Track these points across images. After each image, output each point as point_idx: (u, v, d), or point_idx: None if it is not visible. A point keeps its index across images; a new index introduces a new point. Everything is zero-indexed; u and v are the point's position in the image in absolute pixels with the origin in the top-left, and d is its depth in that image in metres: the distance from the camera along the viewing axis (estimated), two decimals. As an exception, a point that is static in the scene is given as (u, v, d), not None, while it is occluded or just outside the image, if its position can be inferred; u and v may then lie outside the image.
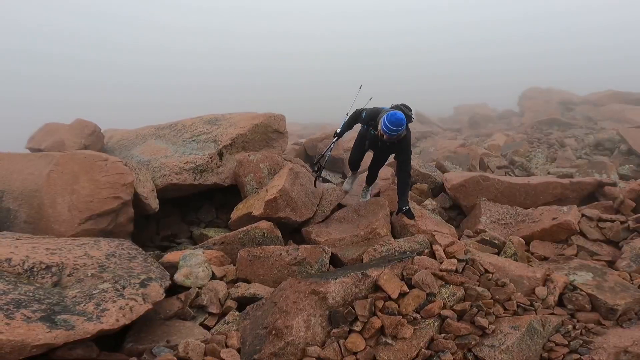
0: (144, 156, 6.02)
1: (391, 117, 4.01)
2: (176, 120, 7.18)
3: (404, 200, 4.47)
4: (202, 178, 5.46)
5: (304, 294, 2.92)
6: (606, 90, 15.50)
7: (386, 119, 4.03)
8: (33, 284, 2.87)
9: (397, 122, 4.00)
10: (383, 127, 4.05)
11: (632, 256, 3.78)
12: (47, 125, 7.25)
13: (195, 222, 5.68)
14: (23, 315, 2.46)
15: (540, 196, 5.31)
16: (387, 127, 4.02)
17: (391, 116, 4.02)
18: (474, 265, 3.39)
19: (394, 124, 3.99)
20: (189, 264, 3.72)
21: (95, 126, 6.82)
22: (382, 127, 4.08)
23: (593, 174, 6.86)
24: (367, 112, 4.57)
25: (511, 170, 7.82)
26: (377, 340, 2.85)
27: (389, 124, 4.00)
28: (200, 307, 3.35)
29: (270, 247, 3.90)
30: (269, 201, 4.60)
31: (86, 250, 3.42)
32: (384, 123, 4.05)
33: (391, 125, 4.00)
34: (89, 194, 4.47)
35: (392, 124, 4.00)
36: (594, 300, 3.19)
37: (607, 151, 9.10)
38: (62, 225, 4.25)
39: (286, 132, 6.68)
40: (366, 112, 4.58)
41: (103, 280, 3.03)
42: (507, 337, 2.76)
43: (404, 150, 4.41)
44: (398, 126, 4.01)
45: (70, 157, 4.74)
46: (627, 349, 2.70)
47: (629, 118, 11.57)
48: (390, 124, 4.00)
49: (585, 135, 10.49)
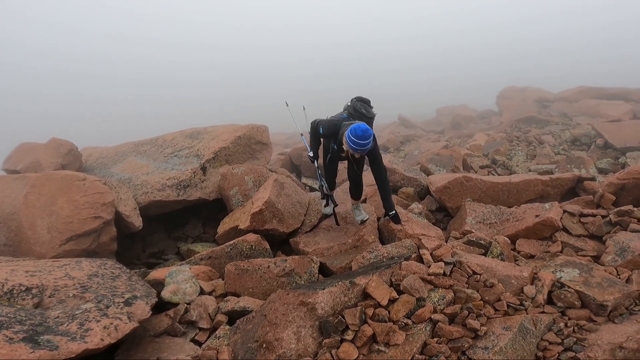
0: (124, 174, 5.92)
1: (355, 131, 3.70)
2: (156, 136, 7.10)
3: (389, 205, 4.35)
4: (185, 194, 5.39)
5: (292, 305, 2.89)
6: (578, 87, 15.91)
7: (351, 135, 3.72)
8: (14, 305, 2.81)
9: (364, 136, 3.70)
10: (350, 145, 3.76)
11: (616, 250, 3.83)
12: (22, 145, 7.08)
13: (182, 238, 5.60)
14: (5, 336, 2.40)
15: (522, 194, 5.39)
16: (354, 143, 3.73)
17: (354, 131, 3.70)
18: (461, 267, 3.41)
19: (360, 138, 3.70)
20: (175, 280, 3.66)
21: (71, 145, 6.68)
22: (348, 145, 3.79)
23: (572, 169, 7.00)
24: (324, 126, 4.24)
25: (493, 170, 7.94)
26: (370, 348, 2.83)
27: (356, 139, 3.70)
28: (190, 323, 3.30)
29: (258, 260, 3.86)
30: (255, 214, 4.56)
31: (67, 271, 3.35)
32: (349, 140, 3.75)
33: (358, 141, 3.70)
34: (68, 214, 4.38)
35: (358, 138, 3.70)
36: (583, 297, 3.21)
37: (584, 146, 9.33)
38: (43, 247, 4.16)
39: (270, 143, 6.66)
40: (322, 126, 4.25)
41: (85, 301, 2.96)
42: (500, 338, 2.77)
43: (374, 157, 4.13)
44: (365, 139, 3.71)
45: (46, 178, 4.64)
46: (621, 345, 2.71)
47: (603, 113, 11.88)
48: (358, 139, 3.70)
49: (562, 131, 10.74)
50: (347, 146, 3.81)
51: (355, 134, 3.70)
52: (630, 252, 3.67)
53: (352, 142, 3.73)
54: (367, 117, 4.37)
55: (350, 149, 3.79)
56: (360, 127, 3.72)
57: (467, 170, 7.80)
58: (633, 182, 4.77)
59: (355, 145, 3.74)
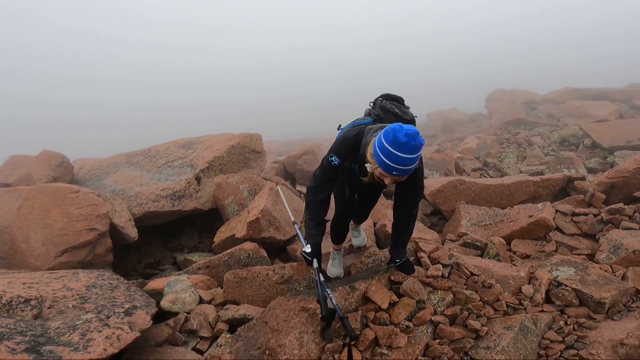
0: (117, 185, 5.89)
1: (395, 135, 2.19)
2: (149, 147, 7.08)
3: (401, 251, 3.16)
4: (180, 204, 5.37)
5: (293, 311, 2.89)
6: (564, 88, 16.22)
7: (386, 143, 2.22)
8: (13, 317, 2.80)
9: (410, 144, 2.17)
10: (382, 160, 2.24)
11: (610, 248, 3.88)
12: (12, 157, 7.02)
13: (178, 248, 5.57)
14: (7, 347, 2.38)
15: (515, 195, 5.46)
16: (392, 158, 2.20)
17: (393, 133, 2.19)
18: (459, 269, 3.44)
19: (405, 147, 2.17)
20: (174, 289, 3.65)
21: (63, 157, 6.64)
22: (378, 161, 2.27)
23: (562, 169, 7.12)
24: (336, 147, 2.72)
25: (485, 172, 8.03)
26: (373, 352, 2.83)
27: (398, 148, 2.18)
28: (190, 332, 3.28)
29: (256, 268, 3.85)
30: (251, 222, 4.56)
31: (65, 283, 3.33)
32: (382, 152, 2.24)
33: (400, 153, 2.18)
34: (62, 227, 4.35)
35: (402, 147, 2.17)
36: (580, 295, 3.24)
37: (573, 146, 9.48)
38: (38, 259, 4.13)
39: (264, 151, 6.68)
40: (335, 151, 2.71)
41: (86, 311, 2.94)
42: (501, 338, 2.79)
43: (413, 184, 2.73)
44: (413, 150, 2.20)
45: (38, 191, 4.61)
46: (622, 342, 2.74)
47: (589, 113, 12.13)
48: (401, 148, 2.17)
49: (550, 132, 10.91)
50: (376, 163, 2.30)
51: (395, 140, 2.17)
52: (624, 249, 3.73)
53: (389, 156, 2.20)
54: (404, 120, 2.78)
55: (382, 167, 2.27)
56: (404, 128, 2.19)
57: (459, 173, 7.88)
58: (622, 180, 4.86)
59: (392, 161, 2.21)
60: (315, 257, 2.93)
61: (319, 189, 2.84)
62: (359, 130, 2.65)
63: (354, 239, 4.06)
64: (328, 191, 2.88)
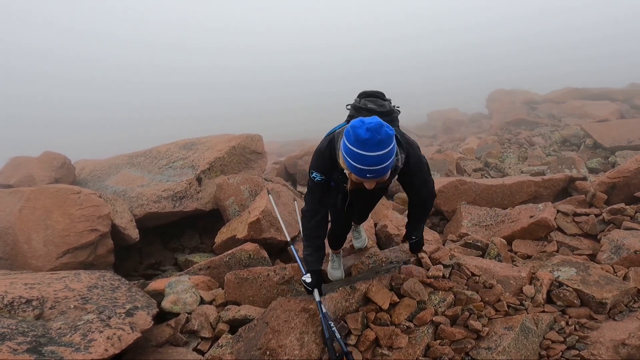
0: (119, 186, 5.90)
1: (355, 132, 1.95)
2: (150, 147, 7.09)
3: (419, 227, 3.13)
4: (182, 205, 5.38)
5: (294, 312, 2.89)
6: (564, 88, 16.20)
7: (348, 143, 2.00)
8: (15, 317, 2.80)
9: (373, 139, 1.92)
10: (349, 162, 2.04)
11: (611, 248, 3.88)
12: (14, 159, 7.04)
13: (179, 249, 5.58)
14: (9, 348, 2.39)
15: (516, 195, 5.46)
16: (356, 158, 1.99)
17: (353, 131, 1.96)
18: (460, 269, 3.44)
19: (367, 144, 1.94)
20: (175, 290, 3.66)
21: (64, 158, 6.65)
22: (347, 164, 2.07)
23: (563, 169, 7.11)
24: (315, 162, 2.52)
25: (487, 172, 8.03)
26: (374, 352, 2.83)
27: (359, 146, 1.96)
28: (191, 332, 3.30)
29: (257, 269, 3.86)
30: (252, 223, 4.56)
31: (66, 283, 3.34)
32: (346, 154, 2.03)
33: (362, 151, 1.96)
34: (64, 228, 4.36)
35: (363, 145, 1.95)
36: (582, 295, 3.24)
37: (574, 146, 9.47)
38: (40, 260, 4.15)
39: (264, 152, 6.68)
40: (314, 166, 2.53)
41: (87, 312, 2.96)
42: (502, 338, 2.79)
43: (413, 172, 2.53)
44: (378, 146, 1.95)
45: (40, 192, 4.63)
46: (624, 342, 2.73)
47: (590, 113, 12.11)
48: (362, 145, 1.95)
49: (551, 132, 10.90)
50: (347, 168, 2.12)
51: (357, 138, 1.94)
52: (625, 249, 3.73)
53: (356, 157, 1.99)
54: (380, 114, 2.42)
55: (353, 171, 2.07)
56: (365, 122, 1.95)
57: (460, 173, 7.88)
58: (623, 180, 4.86)
59: (361, 163, 1.99)
60: (316, 287, 2.71)
61: (312, 212, 2.66)
62: (331, 137, 2.45)
63: (354, 241, 3.93)
64: (322, 212, 2.68)
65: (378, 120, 2.00)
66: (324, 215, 2.69)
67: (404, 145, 2.40)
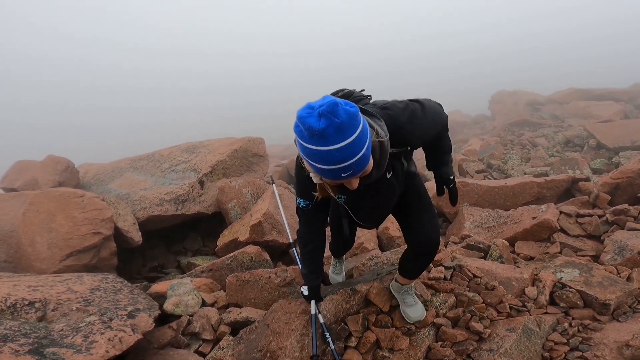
0: (122, 190, 5.93)
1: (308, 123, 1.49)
2: (152, 151, 7.13)
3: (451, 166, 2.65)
4: (184, 208, 5.40)
5: (295, 314, 2.89)
6: (568, 88, 16.11)
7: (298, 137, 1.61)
8: (17, 319, 2.82)
9: (338, 123, 1.47)
10: (319, 167, 1.60)
11: (615, 249, 3.84)
12: (18, 163, 7.08)
13: (182, 252, 5.60)
14: (11, 349, 2.41)
15: (518, 197, 5.43)
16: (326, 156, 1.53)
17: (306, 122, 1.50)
18: (461, 271, 3.42)
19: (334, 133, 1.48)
20: (177, 292, 3.67)
21: (68, 162, 6.70)
22: (317, 170, 1.64)
23: (566, 170, 7.07)
24: (299, 185, 2.23)
25: (489, 174, 8.00)
26: (374, 354, 2.83)
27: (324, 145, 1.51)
28: (193, 335, 3.31)
29: (258, 271, 3.86)
30: (254, 225, 4.57)
31: (69, 286, 3.36)
32: (310, 156, 1.58)
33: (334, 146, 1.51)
34: (67, 231, 4.39)
35: (329, 138, 1.49)
36: (585, 297, 3.21)
37: (578, 147, 9.42)
38: (43, 263, 4.18)
39: (266, 155, 6.71)
40: (298, 193, 2.25)
41: (89, 314, 2.97)
42: (504, 340, 2.77)
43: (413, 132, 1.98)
44: (348, 133, 1.50)
45: (44, 196, 4.66)
46: (628, 343, 2.71)
47: (594, 113, 12.03)
48: (328, 143, 1.50)
49: (555, 133, 10.84)
50: (316, 173, 1.72)
51: (311, 131, 1.50)
52: (629, 250, 3.70)
53: (318, 157, 1.56)
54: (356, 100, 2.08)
55: (323, 175, 1.67)
56: (315, 108, 1.51)
57: (463, 175, 7.86)
58: (627, 181, 4.82)
59: (327, 163, 1.56)
60: (313, 299, 2.70)
61: (305, 240, 2.50)
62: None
63: (409, 313, 2.92)
64: (315, 241, 2.50)
65: (330, 98, 1.50)
66: (319, 241, 2.51)
67: (378, 114, 1.87)
